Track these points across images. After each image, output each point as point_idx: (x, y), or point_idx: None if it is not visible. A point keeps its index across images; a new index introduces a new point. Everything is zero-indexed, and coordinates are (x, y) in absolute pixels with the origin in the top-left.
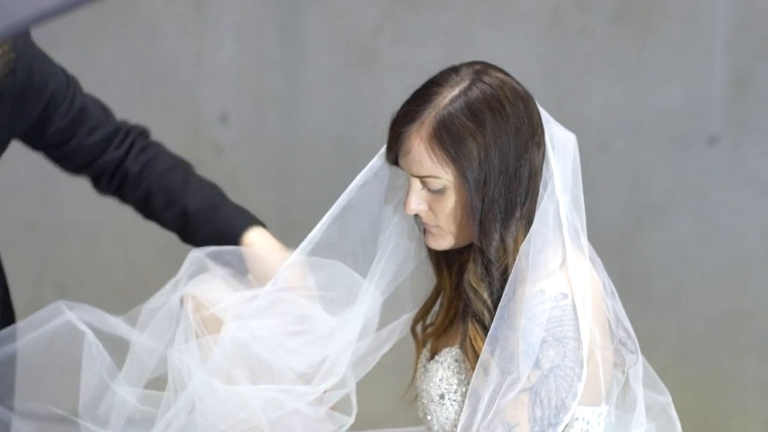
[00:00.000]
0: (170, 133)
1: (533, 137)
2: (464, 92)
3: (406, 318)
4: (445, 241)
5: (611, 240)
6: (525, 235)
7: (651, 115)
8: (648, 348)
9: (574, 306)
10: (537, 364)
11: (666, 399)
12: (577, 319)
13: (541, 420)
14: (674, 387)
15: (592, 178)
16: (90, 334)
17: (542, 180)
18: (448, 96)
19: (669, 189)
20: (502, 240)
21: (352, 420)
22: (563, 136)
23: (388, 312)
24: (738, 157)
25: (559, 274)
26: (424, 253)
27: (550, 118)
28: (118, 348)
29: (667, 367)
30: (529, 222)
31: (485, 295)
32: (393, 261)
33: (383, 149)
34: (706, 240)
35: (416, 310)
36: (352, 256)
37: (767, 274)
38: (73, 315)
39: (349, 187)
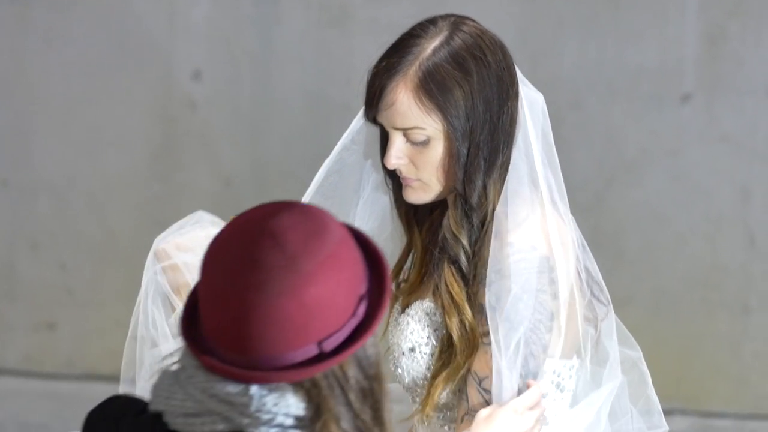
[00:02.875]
0: (144, 90)
1: (513, 86)
2: (446, 42)
3: None
4: (425, 194)
5: (584, 198)
6: (504, 183)
7: (624, 74)
8: (621, 306)
9: (543, 258)
10: (506, 317)
11: (637, 354)
12: (546, 272)
13: None
14: (647, 345)
15: (566, 137)
16: None
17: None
18: (430, 46)
19: (642, 147)
20: (484, 187)
21: None
22: (532, 96)
23: None
24: (711, 115)
25: (528, 226)
26: (395, 212)
27: (522, 77)
28: None
29: (639, 325)
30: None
31: (464, 240)
32: (372, 219)
33: (361, 112)
34: (679, 198)
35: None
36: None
37: (740, 232)
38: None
39: (330, 157)
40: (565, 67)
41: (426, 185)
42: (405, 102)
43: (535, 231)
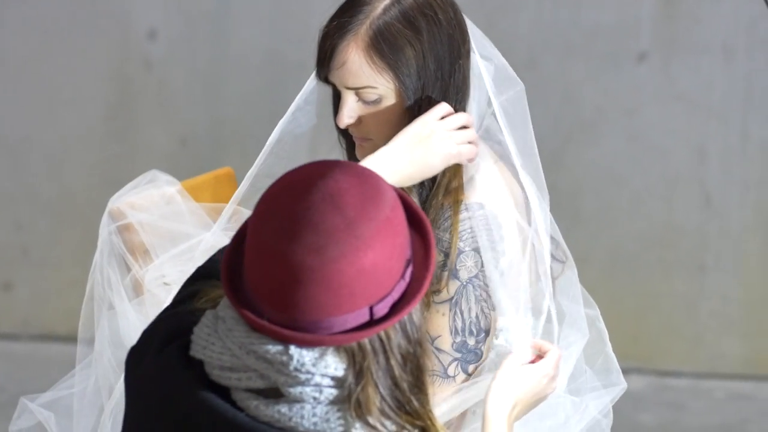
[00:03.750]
0: (100, 50)
1: (464, 43)
2: (397, 1)
3: None
4: None
5: (541, 157)
6: None
7: (580, 33)
8: (577, 265)
9: (492, 215)
10: (455, 275)
11: (594, 312)
12: (494, 229)
13: (462, 331)
14: (603, 304)
15: None
16: None
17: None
18: (381, 5)
19: (598, 106)
20: None
21: None
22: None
23: None
24: (667, 74)
25: (477, 183)
26: None
27: (480, 38)
28: None
29: (596, 284)
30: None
31: (414, 197)
32: None
33: (314, 73)
34: (636, 157)
35: None
36: None
37: (696, 191)
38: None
39: (283, 118)
40: (520, 26)
41: (378, 144)
42: (356, 61)
43: (484, 188)
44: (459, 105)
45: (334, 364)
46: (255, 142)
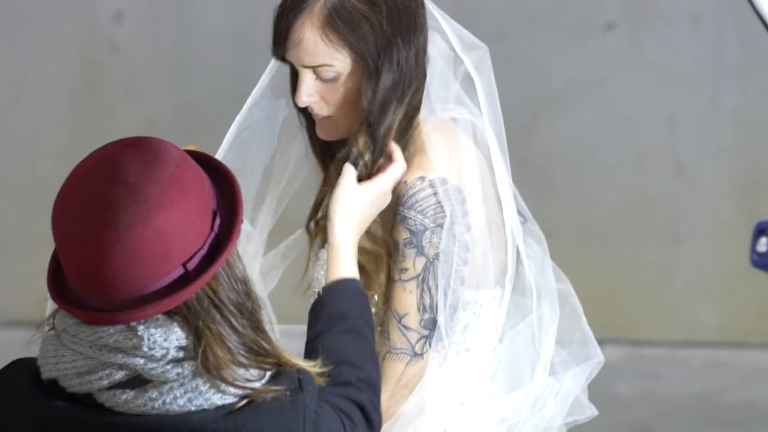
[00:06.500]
0: (65, 34)
1: (418, 17)
2: None
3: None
4: (337, 130)
5: (510, 131)
6: (414, 113)
7: (547, 4)
8: (550, 238)
9: (456, 190)
10: (421, 252)
11: (566, 286)
12: (458, 203)
13: (430, 307)
14: (578, 277)
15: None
16: None
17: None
18: None
19: (567, 77)
20: (393, 120)
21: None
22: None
23: (288, 226)
24: (635, 44)
25: (438, 157)
26: (309, 149)
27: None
28: None
29: (569, 257)
30: (418, 100)
31: (367, 157)
32: (291, 160)
33: (270, 65)
34: (606, 128)
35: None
36: (252, 176)
37: (667, 161)
38: None
39: (240, 113)
40: None
41: (337, 121)
42: (312, 40)
43: (446, 162)
44: (414, 79)
45: (182, 335)
46: (223, 123)
